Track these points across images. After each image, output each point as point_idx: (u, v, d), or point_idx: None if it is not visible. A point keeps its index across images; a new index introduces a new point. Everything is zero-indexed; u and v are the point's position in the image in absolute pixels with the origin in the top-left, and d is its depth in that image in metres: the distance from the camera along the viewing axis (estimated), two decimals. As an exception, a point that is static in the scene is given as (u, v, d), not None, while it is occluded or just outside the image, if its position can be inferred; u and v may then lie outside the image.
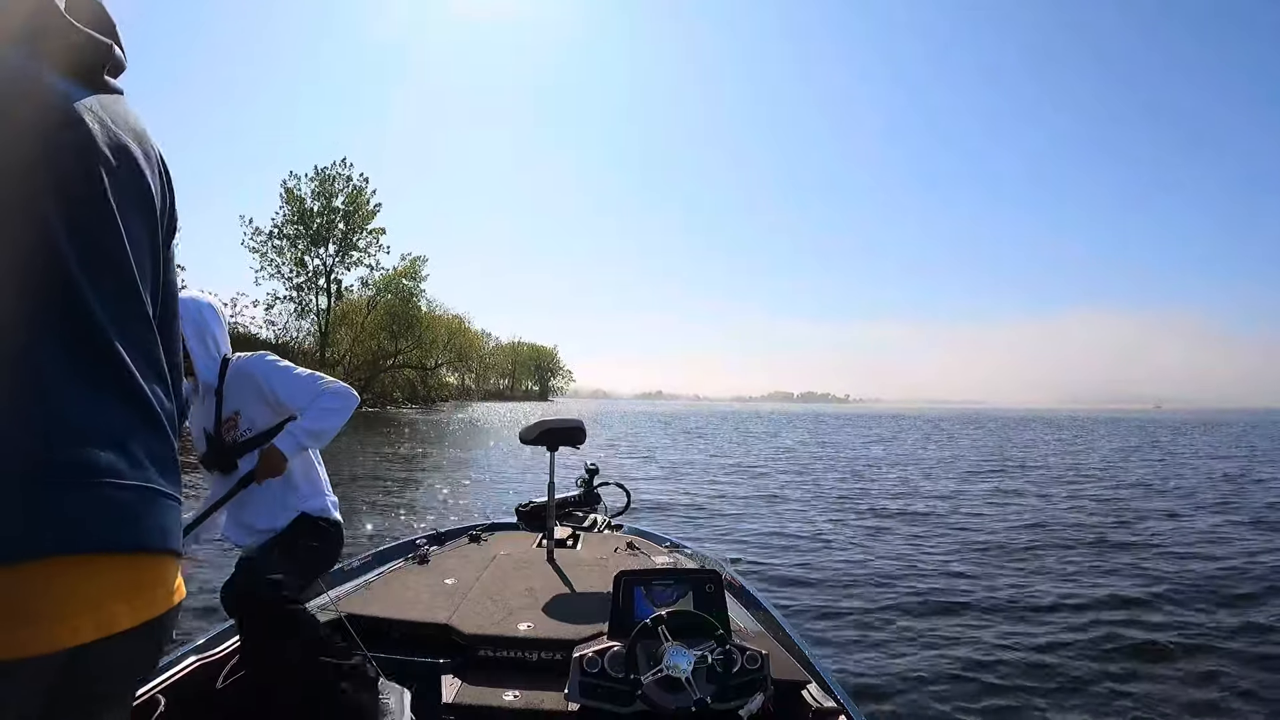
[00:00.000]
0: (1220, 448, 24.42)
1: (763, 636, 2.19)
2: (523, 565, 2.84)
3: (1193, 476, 14.32)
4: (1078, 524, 8.54)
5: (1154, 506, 10.08)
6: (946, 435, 32.44)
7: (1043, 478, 14.03)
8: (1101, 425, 48.28)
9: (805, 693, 1.86)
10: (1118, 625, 4.67)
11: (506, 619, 2.19)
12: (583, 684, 1.71)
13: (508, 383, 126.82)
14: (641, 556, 3.03)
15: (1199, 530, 8.20)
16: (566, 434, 3.10)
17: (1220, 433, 37.77)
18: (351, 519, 7.67)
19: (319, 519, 2.06)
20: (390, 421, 32.89)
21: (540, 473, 4.82)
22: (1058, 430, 39.40)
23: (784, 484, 12.48)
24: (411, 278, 47.76)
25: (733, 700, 1.66)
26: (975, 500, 10.76)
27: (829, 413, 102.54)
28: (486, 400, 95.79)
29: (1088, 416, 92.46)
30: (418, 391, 56.50)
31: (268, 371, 2.02)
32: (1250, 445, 25.96)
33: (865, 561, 6.43)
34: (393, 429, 26.44)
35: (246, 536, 2.03)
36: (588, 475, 3.67)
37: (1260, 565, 6.40)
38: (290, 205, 42.17)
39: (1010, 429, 41.08)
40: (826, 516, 8.95)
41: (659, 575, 1.91)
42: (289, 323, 41.91)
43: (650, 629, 1.71)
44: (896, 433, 34.02)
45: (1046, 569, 6.31)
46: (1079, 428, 44.15)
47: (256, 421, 2.03)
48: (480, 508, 8.90)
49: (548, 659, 2.04)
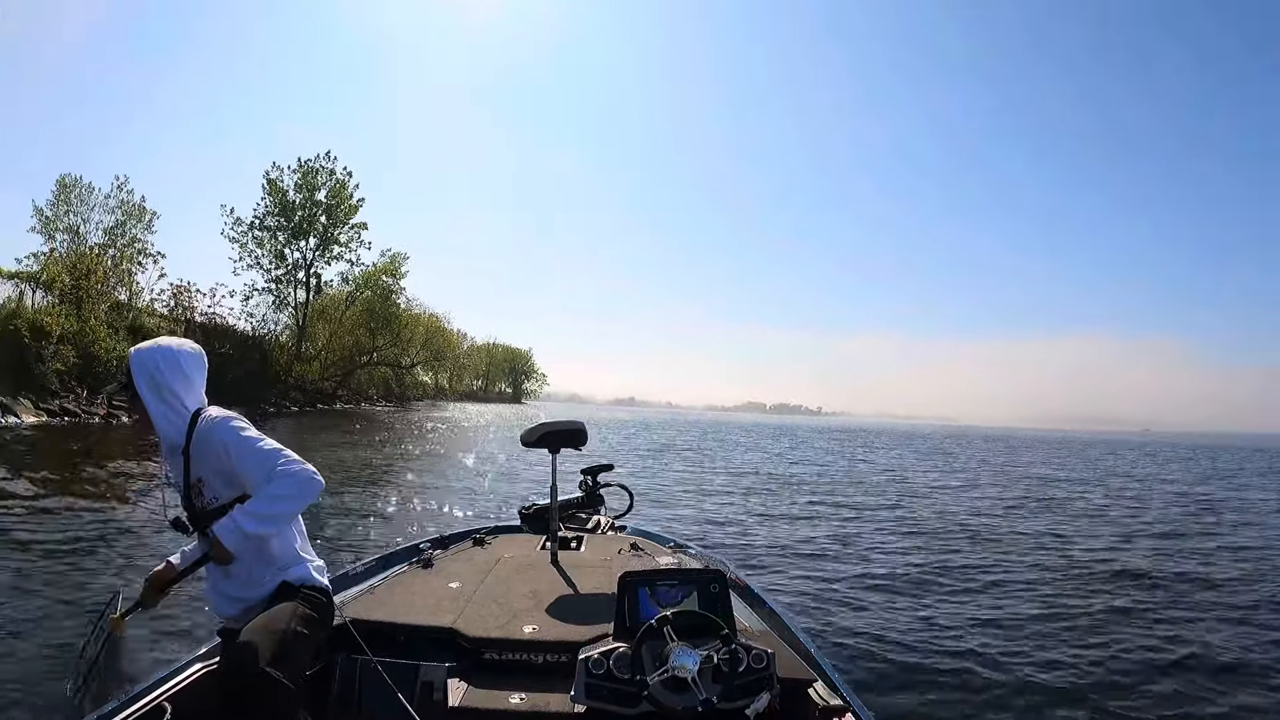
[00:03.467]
0: (1200, 470, 25.96)
1: (768, 635, 2.19)
2: (527, 568, 2.84)
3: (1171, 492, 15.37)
4: (1088, 534, 8.83)
5: (1152, 522, 10.62)
6: (941, 451, 33.19)
7: (1047, 493, 14.57)
8: (1093, 447, 49.41)
9: (811, 691, 1.86)
10: (1130, 632, 4.71)
11: (511, 621, 2.18)
12: (589, 685, 1.72)
13: (481, 384, 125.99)
14: (645, 557, 3.02)
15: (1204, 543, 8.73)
16: (568, 436, 3.12)
17: (1201, 455, 39.60)
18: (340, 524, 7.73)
19: (302, 587, 1.92)
20: (365, 418, 32.65)
21: (536, 477, 4.97)
22: (1050, 448, 40.54)
23: (792, 491, 12.68)
24: (392, 274, 47.52)
25: (739, 700, 1.66)
26: (980, 509, 11.07)
27: (804, 425, 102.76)
28: (460, 401, 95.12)
29: (1075, 438, 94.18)
30: (393, 390, 56.16)
31: (229, 442, 1.84)
32: (1224, 466, 28.08)
33: (870, 564, 6.51)
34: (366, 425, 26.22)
35: (228, 606, 1.94)
36: (590, 477, 3.63)
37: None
38: (272, 196, 41.71)
39: (1010, 447, 42.08)
40: (832, 522, 9.05)
41: (663, 576, 1.92)
42: (267, 315, 41.46)
43: (655, 630, 1.71)
44: (904, 443, 35.14)
45: (1053, 571, 6.45)
46: (1067, 446, 45.70)
47: (220, 493, 1.89)
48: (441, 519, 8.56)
49: (553, 661, 2.03)
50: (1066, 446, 48.15)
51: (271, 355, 38.30)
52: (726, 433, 45.04)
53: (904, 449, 32.94)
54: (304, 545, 2.02)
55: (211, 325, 33.98)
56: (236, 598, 1.92)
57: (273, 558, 1.91)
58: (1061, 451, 37.47)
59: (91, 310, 24.75)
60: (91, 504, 7.93)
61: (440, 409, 60.09)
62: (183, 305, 33.27)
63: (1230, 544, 8.62)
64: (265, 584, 1.90)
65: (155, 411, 1.88)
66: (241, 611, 1.90)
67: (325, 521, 7.55)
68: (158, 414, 1.88)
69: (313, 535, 2.20)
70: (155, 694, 1.82)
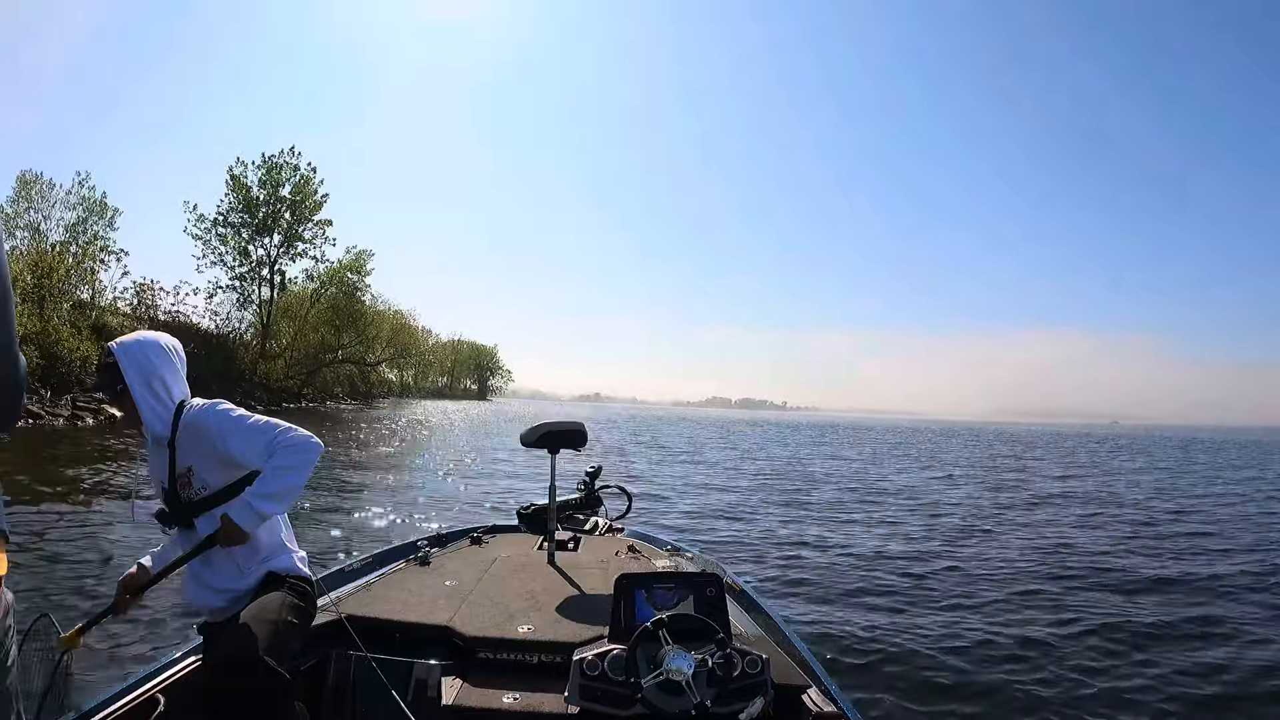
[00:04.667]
0: (1164, 460, 27.08)
1: (763, 641, 2.19)
2: (524, 568, 2.85)
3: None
4: (1087, 534, 8.84)
5: (1139, 515, 10.92)
6: (928, 445, 33.54)
7: (1036, 488, 14.92)
8: (1064, 439, 49.94)
9: (805, 697, 1.86)
10: (1130, 635, 4.75)
11: (507, 621, 2.19)
12: (583, 687, 1.73)
13: (447, 381, 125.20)
14: (642, 560, 3.04)
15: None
16: (567, 437, 3.15)
17: (1169, 444, 41.08)
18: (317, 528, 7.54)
19: (287, 576, 1.91)
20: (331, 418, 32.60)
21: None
22: (1022, 444, 40.79)
23: (780, 491, 12.81)
24: (356, 271, 47.43)
25: (733, 704, 1.67)
26: (974, 508, 11.20)
27: (771, 420, 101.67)
28: (425, 398, 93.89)
29: (1044, 429, 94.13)
30: (358, 388, 55.93)
31: (220, 426, 1.82)
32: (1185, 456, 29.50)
33: (864, 566, 6.57)
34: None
35: (210, 597, 1.89)
36: (589, 478, 3.60)
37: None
38: (236, 193, 41.32)
39: (982, 440, 42.58)
40: (824, 523, 9.14)
41: (660, 578, 1.93)
42: (231, 313, 41.12)
43: (651, 632, 1.72)
44: (873, 439, 35.06)
45: (1050, 575, 6.48)
46: (1038, 439, 46.54)
47: (210, 480, 1.86)
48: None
49: (548, 661, 2.03)
50: (1037, 439, 49.08)
51: (236, 353, 38.09)
52: (689, 429, 45.27)
53: (872, 444, 33.17)
54: (289, 535, 2.01)
55: (175, 324, 33.75)
56: (221, 588, 1.88)
57: (259, 546, 1.89)
58: (1035, 447, 37.44)
59: (54, 309, 24.52)
60: (63, 508, 7.80)
61: (406, 407, 59.65)
62: (146, 304, 33.04)
63: (1230, 544, 8.81)
64: (251, 574, 1.89)
65: (144, 404, 1.84)
66: (228, 601, 1.87)
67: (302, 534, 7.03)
68: (146, 407, 1.85)
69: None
70: (148, 686, 1.82)
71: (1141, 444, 46.19)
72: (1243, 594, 6.09)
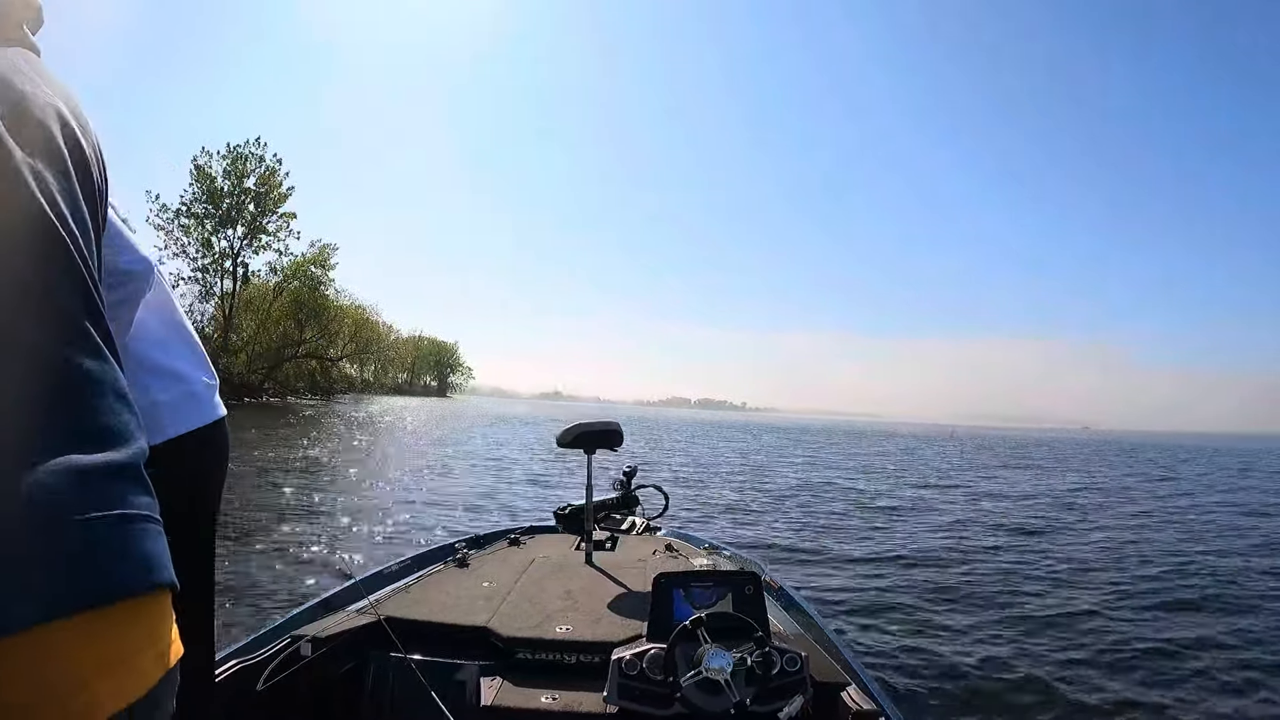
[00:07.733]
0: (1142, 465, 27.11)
1: (802, 638, 2.19)
2: (561, 568, 2.86)
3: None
4: (1142, 543, 8.60)
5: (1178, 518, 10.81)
6: (958, 449, 33.23)
7: (1071, 492, 14.77)
8: (1041, 445, 49.45)
9: (844, 695, 1.85)
10: (1168, 631, 4.69)
11: (545, 621, 2.19)
12: (621, 686, 1.74)
13: (406, 377, 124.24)
14: (680, 558, 3.04)
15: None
16: (603, 437, 3.16)
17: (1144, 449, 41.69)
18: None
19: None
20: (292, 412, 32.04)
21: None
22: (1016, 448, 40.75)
23: (816, 490, 12.64)
24: (320, 265, 47.38)
25: (772, 702, 1.67)
26: (1012, 509, 11.23)
27: (730, 421, 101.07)
28: (385, 395, 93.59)
29: (1019, 435, 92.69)
30: (319, 383, 55.47)
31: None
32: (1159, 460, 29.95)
33: (903, 565, 6.55)
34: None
35: None
36: (625, 478, 3.61)
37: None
38: (200, 183, 40.91)
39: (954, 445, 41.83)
40: (866, 522, 9.09)
41: (698, 577, 1.93)
42: (193, 305, 40.76)
43: (689, 631, 1.73)
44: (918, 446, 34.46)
45: (1092, 570, 6.47)
46: (1018, 444, 46.82)
47: None
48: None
49: (586, 661, 2.04)
50: (1014, 443, 50.35)
51: (197, 346, 37.84)
52: (652, 429, 44.15)
53: (834, 448, 32.98)
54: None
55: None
56: None
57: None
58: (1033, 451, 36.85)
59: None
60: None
61: (369, 403, 59.21)
62: (105, 294, 32.71)
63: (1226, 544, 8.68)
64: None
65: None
66: None
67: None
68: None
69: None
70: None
71: (1121, 448, 46.15)
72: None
